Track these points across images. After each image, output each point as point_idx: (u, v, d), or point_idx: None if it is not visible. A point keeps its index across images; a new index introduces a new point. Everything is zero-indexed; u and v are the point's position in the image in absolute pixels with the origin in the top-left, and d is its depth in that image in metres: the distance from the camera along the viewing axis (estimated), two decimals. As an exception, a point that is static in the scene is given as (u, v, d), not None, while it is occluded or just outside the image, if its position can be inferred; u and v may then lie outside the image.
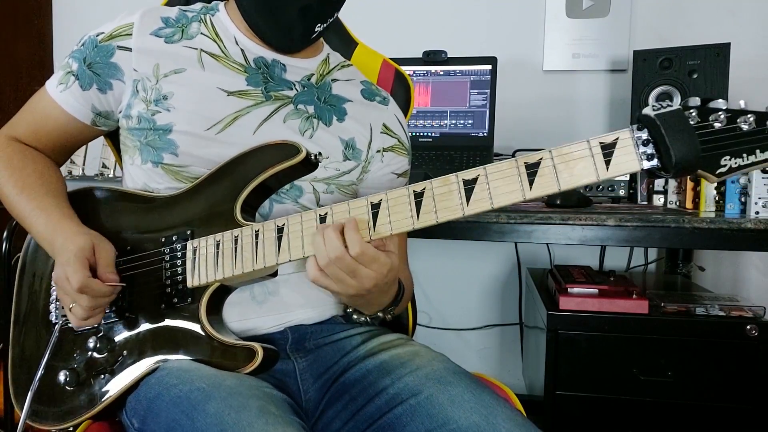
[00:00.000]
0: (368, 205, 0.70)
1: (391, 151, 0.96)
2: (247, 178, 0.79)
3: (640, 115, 0.63)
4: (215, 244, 0.77)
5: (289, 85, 0.89)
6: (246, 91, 0.86)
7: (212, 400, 0.65)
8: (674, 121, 0.60)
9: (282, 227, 0.74)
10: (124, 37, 0.84)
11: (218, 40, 0.88)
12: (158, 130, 0.83)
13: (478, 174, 0.66)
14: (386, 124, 0.96)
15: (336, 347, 0.86)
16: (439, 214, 0.67)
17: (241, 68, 0.87)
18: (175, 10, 0.89)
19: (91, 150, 1.76)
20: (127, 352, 0.80)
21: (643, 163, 0.61)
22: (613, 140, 0.62)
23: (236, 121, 0.84)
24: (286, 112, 0.87)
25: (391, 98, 1.00)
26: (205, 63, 0.86)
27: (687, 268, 1.79)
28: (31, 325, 0.88)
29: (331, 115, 0.91)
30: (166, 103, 0.83)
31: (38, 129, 0.90)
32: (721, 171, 0.61)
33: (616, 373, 1.37)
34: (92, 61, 0.85)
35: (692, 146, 0.60)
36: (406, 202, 0.69)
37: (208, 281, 0.77)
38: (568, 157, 0.63)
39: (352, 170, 0.91)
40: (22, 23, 2.12)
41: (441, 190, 0.67)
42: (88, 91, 0.86)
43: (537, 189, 0.64)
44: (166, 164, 0.83)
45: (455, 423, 0.67)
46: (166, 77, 0.84)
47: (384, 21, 1.92)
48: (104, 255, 0.79)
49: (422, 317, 2.00)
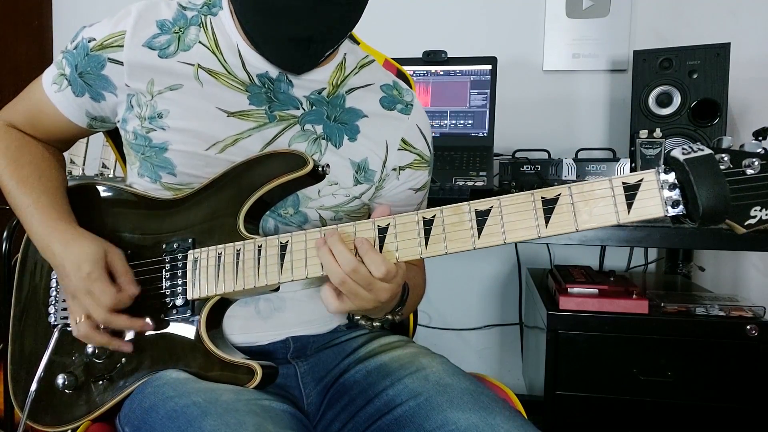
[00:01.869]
0: (375, 228, 0.68)
1: (408, 168, 0.89)
2: (252, 187, 0.76)
3: (668, 157, 0.59)
4: (216, 256, 0.75)
5: (295, 104, 0.82)
6: (248, 112, 0.80)
7: (208, 417, 0.63)
8: (704, 167, 0.56)
9: (285, 245, 0.72)
10: (115, 49, 0.78)
11: (218, 51, 0.80)
12: (155, 147, 0.79)
13: (491, 205, 0.63)
14: (405, 138, 0.88)
15: (337, 350, 0.86)
16: (448, 245, 0.65)
17: (243, 86, 0.80)
18: (174, 8, 0.81)
19: (91, 150, 1.76)
20: (125, 359, 0.79)
21: (668, 209, 0.58)
22: (637, 181, 0.59)
23: (237, 143, 0.79)
24: (292, 134, 0.81)
25: (415, 103, 0.90)
26: (202, 79, 0.79)
27: (687, 268, 1.78)
28: (30, 325, 0.87)
29: (342, 135, 0.84)
30: (161, 121, 0.78)
31: (35, 121, 0.87)
32: (750, 222, 0.57)
33: (615, 373, 1.37)
34: (83, 70, 0.80)
35: (722, 196, 0.55)
36: (415, 229, 0.66)
37: (209, 294, 0.75)
38: (588, 196, 0.60)
39: (364, 193, 0.86)
40: (21, 22, 2.11)
41: (451, 220, 0.65)
42: (81, 98, 0.82)
43: (553, 227, 0.61)
44: (164, 182, 0.81)
45: (454, 424, 0.67)
46: (161, 94, 0.78)
47: (384, 21, 1.92)
48: (119, 263, 0.77)
49: (422, 317, 1.99)
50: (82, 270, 0.74)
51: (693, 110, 1.56)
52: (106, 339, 0.77)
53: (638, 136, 1.46)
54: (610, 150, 1.73)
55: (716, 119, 1.53)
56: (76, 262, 0.75)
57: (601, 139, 1.87)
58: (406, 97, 0.90)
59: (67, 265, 0.75)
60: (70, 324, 0.79)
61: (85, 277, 0.74)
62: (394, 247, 0.67)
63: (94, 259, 0.75)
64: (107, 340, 0.77)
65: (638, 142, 1.46)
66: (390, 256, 0.67)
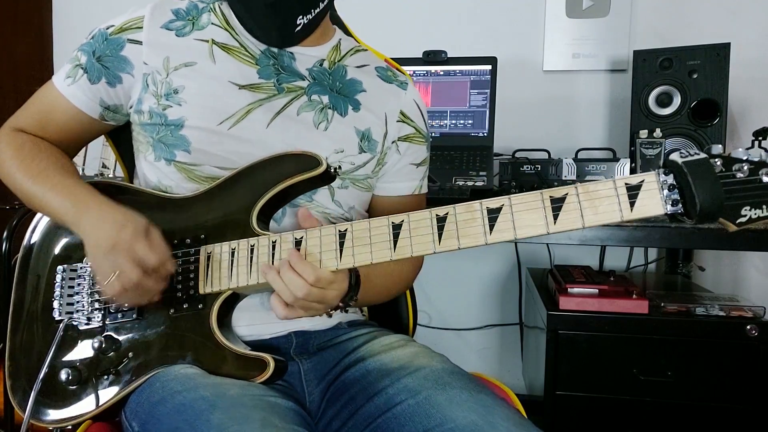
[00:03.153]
0: (389, 225, 0.70)
1: (406, 141, 0.93)
2: (265, 186, 0.79)
3: (667, 160, 0.64)
4: (230, 251, 0.77)
5: (301, 76, 0.87)
6: (258, 84, 0.84)
7: (216, 411, 0.65)
8: (701, 169, 0.61)
9: (300, 240, 0.73)
10: (134, 30, 0.83)
11: (230, 28, 0.86)
12: (170, 125, 0.82)
13: (502, 204, 0.67)
14: (404, 111, 0.93)
15: (338, 349, 0.86)
16: (461, 240, 0.67)
17: (253, 60, 0.85)
18: (186, 1, 0.87)
19: (91, 150, 1.75)
20: (132, 354, 0.79)
21: (668, 207, 0.62)
22: (639, 182, 0.63)
23: (249, 114, 0.83)
24: (300, 105, 0.86)
25: (410, 82, 0.96)
26: (216, 56, 0.84)
27: (687, 268, 1.78)
28: (32, 321, 0.87)
29: (347, 105, 0.88)
30: (177, 97, 0.82)
31: (45, 122, 0.88)
32: (741, 221, 0.62)
33: (615, 373, 1.37)
34: (102, 54, 0.84)
35: (717, 195, 0.61)
36: (428, 225, 0.69)
37: (221, 289, 0.77)
38: (594, 195, 0.64)
39: (368, 163, 0.89)
40: (21, 21, 2.11)
41: (464, 217, 0.68)
42: (96, 84, 0.85)
43: (561, 224, 0.65)
44: (179, 162, 0.83)
45: (453, 422, 0.67)
46: (177, 70, 0.82)
47: (384, 21, 1.92)
48: (160, 239, 0.77)
49: (422, 317, 2.00)
50: (126, 228, 0.74)
51: (693, 110, 1.56)
52: (137, 298, 0.77)
53: (638, 136, 1.47)
54: (610, 150, 1.73)
55: (716, 119, 1.53)
56: (120, 221, 0.75)
57: (601, 139, 1.87)
58: (400, 77, 0.96)
59: (109, 222, 0.75)
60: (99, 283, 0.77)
61: (129, 236, 0.74)
62: (407, 243, 0.69)
63: (140, 224, 0.76)
64: (138, 299, 0.77)
65: (638, 142, 1.46)
66: (404, 251, 0.70)
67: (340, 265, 0.72)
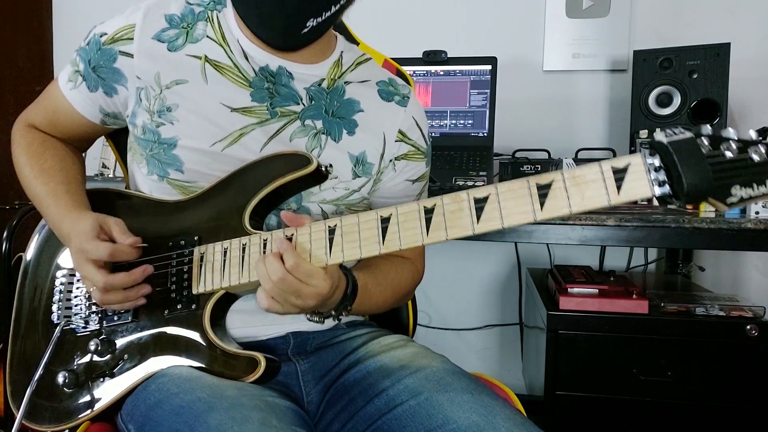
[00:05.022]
0: (378, 219, 0.70)
1: (404, 159, 0.91)
2: (257, 187, 0.79)
3: (653, 141, 0.63)
4: (222, 251, 0.77)
5: (295, 99, 0.84)
6: (250, 108, 0.82)
7: (214, 411, 0.64)
8: (687, 148, 0.60)
9: (291, 237, 0.73)
10: (125, 42, 0.81)
11: (224, 44, 0.82)
12: (163, 143, 0.81)
13: (488, 193, 0.66)
14: (402, 130, 0.90)
15: (337, 349, 0.86)
16: (449, 231, 0.67)
17: (246, 82, 0.82)
18: (182, 4, 0.83)
19: (91, 150, 1.74)
20: (128, 356, 0.79)
21: (655, 189, 0.61)
22: (625, 165, 0.62)
23: (242, 138, 0.82)
24: (293, 130, 0.84)
25: (411, 96, 0.93)
26: (208, 75, 0.81)
27: (687, 268, 1.79)
28: (32, 325, 0.88)
29: (341, 130, 0.86)
30: (170, 115, 0.81)
31: (53, 120, 0.90)
32: (732, 200, 0.60)
33: (615, 373, 1.37)
34: (96, 64, 0.83)
35: (704, 175, 0.59)
36: (416, 218, 0.68)
37: (214, 288, 0.77)
38: (580, 180, 0.63)
39: (363, 186, 0.88)
40: (21, 21, 2.12)
41: (451, 208, 0.67)
42: (95, 93, 0.85)
43: (548, 211, 0.63)
44: (171, 179, 0.82)
45: (455, 423, 0.67)
46: (169, 88, 0.81)
47: (384, 21, 1.92)
48: (114, 224, 0.79)
49: (422, 317, 2.00)
50: (76, 235, 0.77)
51: (693, 110, 1.56)
52: (120, 297, 0.77)
53: (638, 136, 1.47)
54: (610, 150, 1.73)
55: (716, 119, 1.53)
56: (70, 229, 0.78)
57: (601, 139, 1.87)
58: (402, 91, 0.93)
59: (74, 239, 0.78)
60: (91, 293, 0.80)
61: (79, 241, 0.76)
62: (396, 236, 0.69)
63: (90, 227, 0.77)
64: (122, 298, 0.78)
65: (638, 142, 1.46)
66: (392, 245, 0.69)
67: (330, 260, 0.71)
